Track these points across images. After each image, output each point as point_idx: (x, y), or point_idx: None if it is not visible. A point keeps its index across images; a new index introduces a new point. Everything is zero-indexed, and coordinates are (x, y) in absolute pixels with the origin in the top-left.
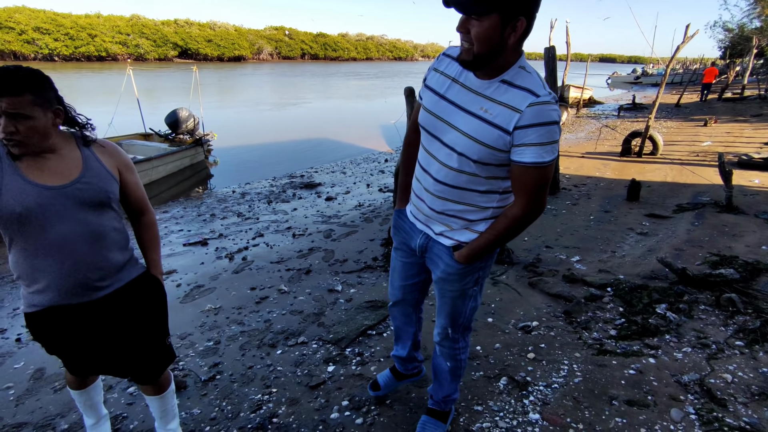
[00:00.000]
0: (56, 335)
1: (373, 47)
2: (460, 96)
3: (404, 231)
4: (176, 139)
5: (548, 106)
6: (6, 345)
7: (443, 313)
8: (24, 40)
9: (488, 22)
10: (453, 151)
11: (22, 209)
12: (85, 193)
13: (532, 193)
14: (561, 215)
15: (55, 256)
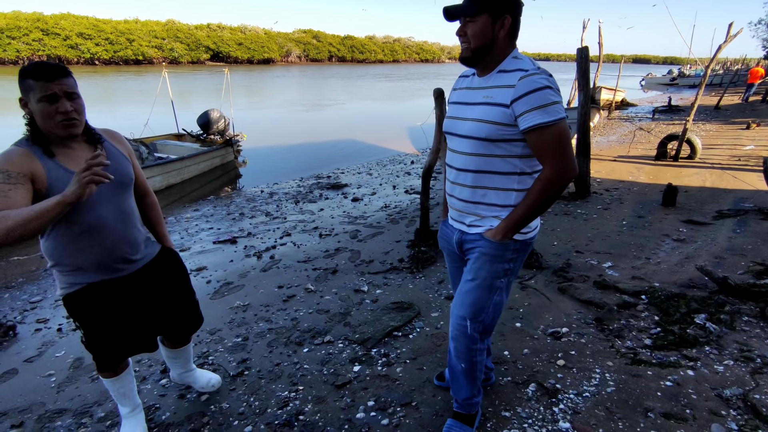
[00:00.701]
0: (97, 310)
1: (399, 49)
2: (468, 95)
3: (446, 236)
4: (207, 139)
5: (536, 76)
6: (48, 334)
7: (466, 303)
8: (68, 45)
9: (481, 21)
10: (466, 138)
11: None
12: (115, 174)
13: (555, 153)
14: (592, 220)
15: (97, 235)
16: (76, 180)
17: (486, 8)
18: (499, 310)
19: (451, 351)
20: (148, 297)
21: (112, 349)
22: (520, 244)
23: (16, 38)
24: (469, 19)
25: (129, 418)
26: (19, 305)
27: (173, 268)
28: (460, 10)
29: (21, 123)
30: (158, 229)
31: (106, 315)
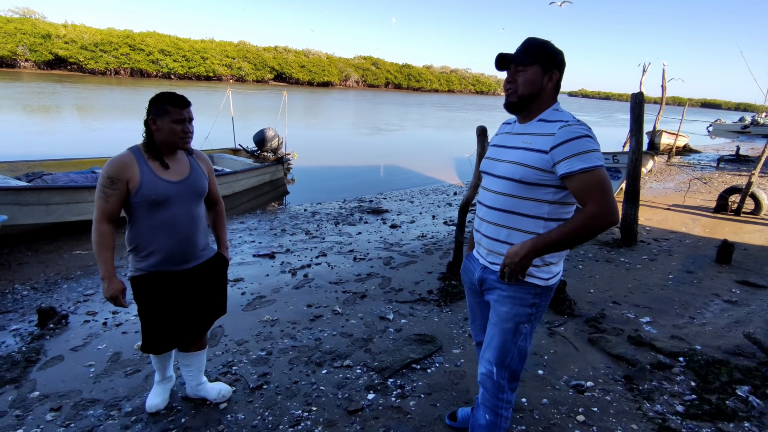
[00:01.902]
0: (154, 295)
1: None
2: (507, 139)
3: (469, 270)
4: (261, 155)
5: (575, 126)
6: (95, 327)
7: (491, 347)
8: (150, 60)
9: (532, 71)
10: (501, 178)
11: (155, 196)
12: (192, 187)
13: (598, 194)
14: (635, 270)
15: (168, 231)
16: (106, 292)
17: (538, 60)
18: (524, 356)
19: (479, 398)
20: (195, 292)
21: (159, 331)
22: (542, 289)
23: (108, 52)
24: (521, 68)
25: (158, 385)
26: (74, 296)
27: (218, 273)
28: (515, 58)
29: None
30: (220, 233)
31: (160, 300)
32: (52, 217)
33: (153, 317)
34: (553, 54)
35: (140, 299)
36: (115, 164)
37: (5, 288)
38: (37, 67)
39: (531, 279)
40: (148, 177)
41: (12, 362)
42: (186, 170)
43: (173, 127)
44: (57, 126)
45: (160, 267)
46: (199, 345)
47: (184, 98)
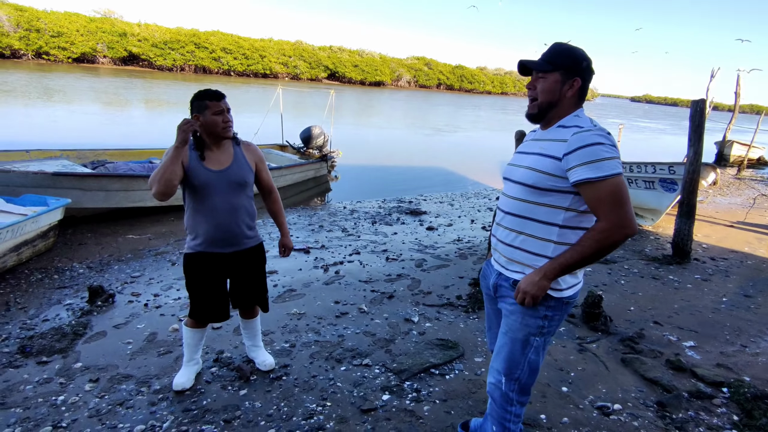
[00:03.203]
0: (199, 272)
1: (510, 82)
2: (529, 146)
3: (486, 276)
4: (306, 152)
5: (590, 133)
6: (137, 307)
7: (500, 357)
8: (212, 58)
9: (551, 78)
10: (517, 183)
11: (198, 183)
12: (232, 176)
13: (609, 208)
14: (684, 290)
15: (208, 217)
16: (181, 130)
17: (558, 68)
18: (534, 370)
19: (487, 409)
20: (233, 274)
21: (200, 303)
22: (555, 301)
23: (175, 50)
24: (540, 75)
25: (185, 367)
26: (122, 278)
27: (256, 263)
28: (534, 64)
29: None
30: (279, 219)
31: (203, 276)
32: (111, 202)
33: (196, 290)
34: (576, 61)
35: (187, 274)
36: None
37: (65, 265)
38: (113, 63)
39: None
40: (194, 164)
41: (62, 334)
42: (228, 161)
43: (214, 119)
44: (124, 117)
45: (204, 248)
46: (250, 314)
47: (219, 92)
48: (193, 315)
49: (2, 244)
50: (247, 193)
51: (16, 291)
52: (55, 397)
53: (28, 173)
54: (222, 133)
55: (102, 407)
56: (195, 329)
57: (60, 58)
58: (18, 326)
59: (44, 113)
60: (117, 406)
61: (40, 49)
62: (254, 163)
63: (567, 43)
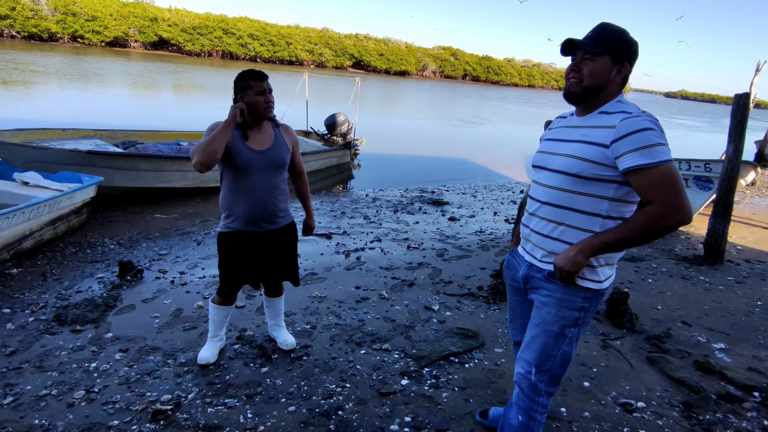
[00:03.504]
0: (235, 250)
1: (538, 75)
2: (563, 132)
3: (513, 267)
4: (330, 139)
5: (639, 118)
6: (164, 284)
7: (532, 348)
8: (240, 44)
9: (601, 61)
10: (556, 172)
11: (240, 162)
12: (273, 157)
13: (662, 192)
14: (716, 291)
15: (247, 195)
16: (233, 113)
17: (610, 50)
18: (567, 361)
19: (513, 398)
20: (267, 252)
21: (231, 280)
22: (593, 293)
23: (204, 35)
24: (588, 56)
25: (210, 342)
26: (150, 255)
27: (289, 240)
28: (584, 45)
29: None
30: (305, 201)
31: (237, 255)
32: (140, 182)
33: (229, 268)
34: (626, 45)
35: (222, 252)
36: (217, 123)
37: (97, 241)
38: (143, 48)
39: (582, 282)
40: (237, 142)
41: (94, 305)
42: (269, 142)
43: (257, 99)
44: (154, 100)
45: (242, 227)
46: (276, 293)
47: (262, 72)
48: (221, 293)
49: (40, 218)
50: (283, 174)
51: (52, 263)
52: (87, 364)
53: (64, 151)
54: (263, 113)
55: (131, 376)
56: (222, 306)
57: (94, 42)
58: (54, 296)
59: (80, 94)
60: (145, 376)
61: (76, 33)
62: (291, 145)
63: (615, 25)
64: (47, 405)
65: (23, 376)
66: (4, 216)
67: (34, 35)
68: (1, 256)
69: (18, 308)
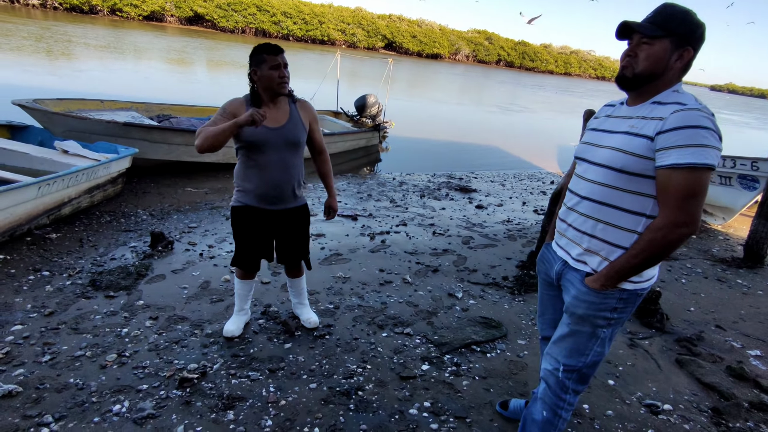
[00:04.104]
0: (245, 225)
1: (575, 62)
2: (610, 123)
3: (547, 261)
4: (359, 120)
5: (694, 112)
6: (193, 256)
7: (561, 346)
8: (273, 21)
9: (660, 46)
10: (599, 166)
11: (253, 139)
12: (288, 135)
13: (678, 201)
14: (754, 295)
15: (261, 172)
16: (249, 114)
17: (670, 33)
18: (598, 362)
19: (538, 392)
20: (277, 231)
21: (243, 253)
22: (628, 294)
23: (238, 11)
24: (645, 40)
25: (236, 315)
26: (181, 227)
27: (300, 222)
28: (641, 27)
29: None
30: (327, 180)
31: (248, 230)
32: (173, 155)
33: (240, 241)
34: (691, 27)
35: (234, 225)
36: (231, 101)
37: (131, 211)
38: (179, 23)
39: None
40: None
41: (127, 273)
42: (284, 118)
43: (271, 74)
44: (189, 75)
45: (253, 203)
46: (295, 273)
47: (277, 46)
48: (235, 263)
49: (78, 186)
50: (299, 152)
51: (89, 230)
52: (120, 329)
53: (102, 121)
54: (277, 88)
55: (160, 343)
56: (244, 280)
57: (132, 15)
58: (90, 262)
59: (119, 66)
60: (173, 344)
61: (115, 6)
62: (308, 122)
63: (679, 5)
64: (82, 365)
65: (60, 337)
66: (45, 182)
67: (75, 7)
68: (41, 221)
69: (56, 271)
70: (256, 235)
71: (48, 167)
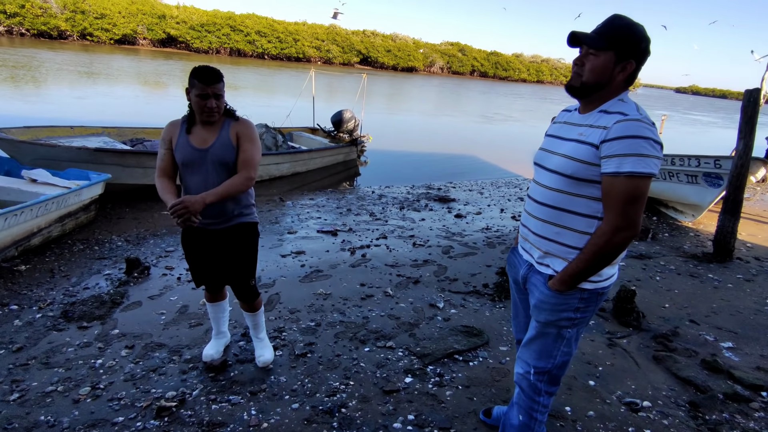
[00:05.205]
0: (188, 244)
1: (546, 70)
2: (563, 130)
3: (514, 265)
4: (337, 136)
5: (636, 122)
6: (170, 280)
7: (530, 348)
8: (247, 41)
9: (604, 57)
10: (552, 172)
11: (182, 159)
12: (211, 156)
13: (618, 207)
14: (724, 289)
15: (192, 192)
16: (170, 213)
17: (613, 46)
18: (566, 362)
19: (514, 398)
20: (219, 250)
21: (193, 272)
22: (589, 294)
23: (211, 32)
24: (592, 51)
25: (214, 339)
26: (157, 251)
27: (243, 241)
28: (588, 39)
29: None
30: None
31: (191, 249)
32: (148, 179)
33: (188, 261)
34: (634, 41)
35: (182, 245)
36: (166, 126)
37: (105, 237)
38: (152, 45)
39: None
40: (181, 141)
41: (101, 302)
42: (212, 139)
43: (198, 101)
44: (162, 98)
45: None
46: (246, 308)
47: (213, 74)
48: (195, 283)
49: (48, 215)
50: (230, 172)
51: (60, 260)
52: (94, 360)
53: (72, 148)
54: (201, 117)
55: (137, 372)
56: (211, 303)
57: (103, 39)
58: (61, 292)
59: (89, 92)
60: (150, 372)
61: (85, 30)
62: (236, 141)
63: (627, 18)
64: (53, 401)
65: (30, 373)
66: (12, 213)
67: (44, 33)
68: (9, 253)
69: (26, 305)
70: (200, 255)
71: (15, 197)
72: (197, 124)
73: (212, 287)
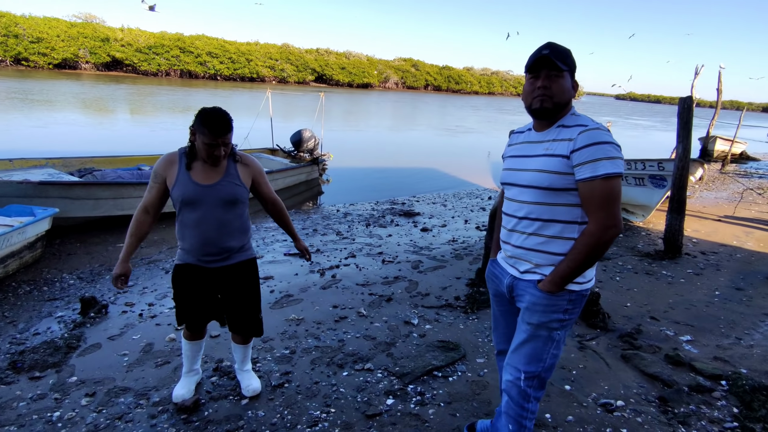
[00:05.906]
0: (186, 284)
1: (496, 82)
2: (527, 149)
3: (495, 277)
4: (297, 156)
5: (597, 131)
6: (131, 318)
7: (521, 353)
8: (198, 62)
9: (566, 78)
10: (527, 187)
11: (184, 196)
12: (219, 193)
13: (601, 207)
14: (677, 284)
15: (195, 230)
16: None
17: (569, 68)
18: (554, 364)
19: (502, 408)
20: (221, 289)
21: (184, 314)
22: (576, 295)
23: (160, 54)
24: (555, 74)
25: (185, 377)
26: (114, 288)
27: (247, 278)
28: (552, 64)
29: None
30: (287, 228)
31: (189, 289)
32: (99, 211)
33: (181, 301)
34: (574, 61)
35: (174, 284)
36: (161, 161)
37: (55, 276)
38: (96, 69)
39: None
40: (182, 178)
41: (55, 347)
42: (219, 176)
43: (205, 148)
44: (109, 124)
45: (193, 261)
46: (240, 339)
47: (223, 126)
48: (180, 322)
49: None
50: (237, 209)
51: (4, 305)
52: (50, 414)
53: (13, 183)
54: (207, 160)
55: (100, 422)
56: (191, 341)
57: (40, 64)
58: (8, 341)
59: (28, 121)
60: (116, 420)
61: (19, 55)
62: (250, 178)
63: (560, 44)
64: None
65: None
66: None
67: None
68: None
69: None
70: (198, 295)
71: None
72: (198, 160)
73: (197, 326)
